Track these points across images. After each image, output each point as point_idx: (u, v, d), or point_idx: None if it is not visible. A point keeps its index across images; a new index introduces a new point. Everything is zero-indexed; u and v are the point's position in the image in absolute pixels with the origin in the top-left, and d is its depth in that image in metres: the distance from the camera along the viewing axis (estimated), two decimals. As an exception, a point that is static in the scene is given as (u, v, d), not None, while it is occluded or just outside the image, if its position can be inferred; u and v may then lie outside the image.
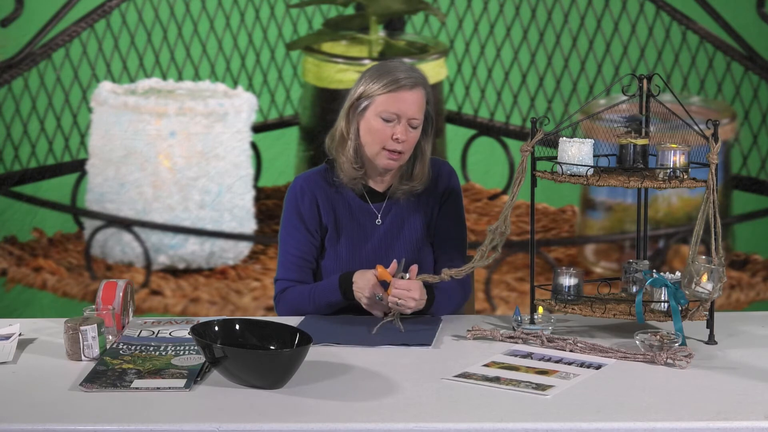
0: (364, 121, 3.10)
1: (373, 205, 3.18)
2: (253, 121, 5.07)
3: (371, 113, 3.08)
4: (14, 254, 5.08)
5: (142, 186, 5.04)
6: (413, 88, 3.07)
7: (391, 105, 3.06)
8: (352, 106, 3.11)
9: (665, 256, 5.08)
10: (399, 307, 2.93)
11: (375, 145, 3.09)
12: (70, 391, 2.48)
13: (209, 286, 5.10)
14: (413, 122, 3.08)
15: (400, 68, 3.11)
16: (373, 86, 3.08)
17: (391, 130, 3.07)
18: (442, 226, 3.22)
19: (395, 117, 3.06)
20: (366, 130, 3.10)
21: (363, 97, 3.09)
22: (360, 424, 2.28)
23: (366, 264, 3.10)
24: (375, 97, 3.07)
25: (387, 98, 3.06)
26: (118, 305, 2.87)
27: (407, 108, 3.07)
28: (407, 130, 3.08)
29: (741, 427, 2.26)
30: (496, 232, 2.88)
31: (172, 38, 5.07)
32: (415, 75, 3.10)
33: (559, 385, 2.48)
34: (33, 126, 5.06)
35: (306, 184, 3.19)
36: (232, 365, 2.47)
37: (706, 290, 2.75)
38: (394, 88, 3.06)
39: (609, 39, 5.06)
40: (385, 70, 3.10)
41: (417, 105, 3.08)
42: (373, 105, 3.08)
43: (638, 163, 2.85)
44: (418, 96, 3.09)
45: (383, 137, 3.07)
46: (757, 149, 5.09)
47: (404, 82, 3.07)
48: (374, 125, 3.08)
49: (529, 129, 2.88)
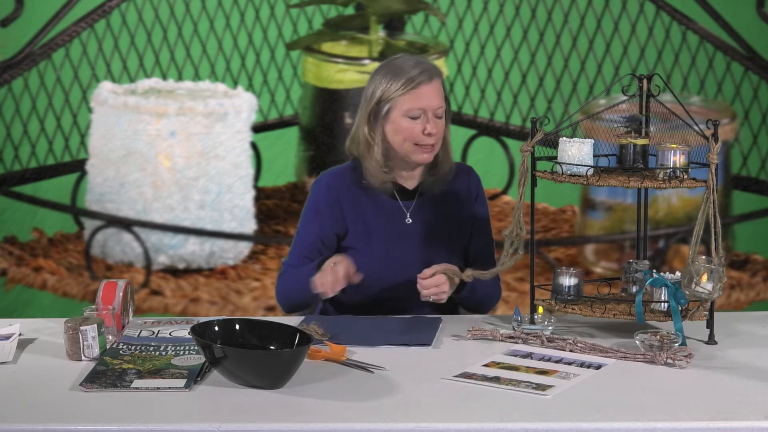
0: (389, 123, 3.11)
1: (403, 203, 3.19)
2: (253, 121, 5.07)
3: (396, 115, 3.10)
4: (14, 254, 5.08)
5: (142, 186, 5.04)
6: (431, 80, 3.10)
7: (415, 103, 3.08)
8: (373, 112, 3.12)
9: (665, 256, 5.07)
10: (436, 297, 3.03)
11: (407, 144, 3.11)
12: (70, 391, 2.48)
13: (209, 286, 5.10)
14: (438, 112, 3.11)
15: (411, 63, 3.12)
16: (391, 88, 3.09)
17: (420, 126, 3.09)
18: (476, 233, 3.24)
19: (421, 113, 3.09)
20: (394, 131, 3.11)
21: (383, 101, 3.10)
22: (360, 424, 2.28)
23: (398, 262, 3.14)
24: (396, 98, 3.09)
25: (409, 97, 3.08)
26: (118, 305, 2.87)
27: (430, 101, 3.09)
28: (435, 122, 3.10)
29: (741, 427, 2.26)
30: (512, 236, 2.89)
31: (172, 38, 5.07)
32: (427, 66, 3.12)
33: (559, 385, 2.48)
34: (33, 126, 5.05)
35: (333, 182, 3.20)
36: (232, 365, 2.47)
37: (706, 290, 2.75)
38: (414, 85, 3.08)
39: (609, 39, 5.06)
40: (398, 69, 3.11)
41: (438, 95, 3.11)
42: (396, 107, 3.09)
43: (638, 163, 2.85)
44: (437, 86, 3.11)
45: (414, 135, 3.09)
46: (757, 149, 5.09)
47: (421, 77, 3.08)
48: (403, 125, 3.09)
49: (529, 129, 2.88)
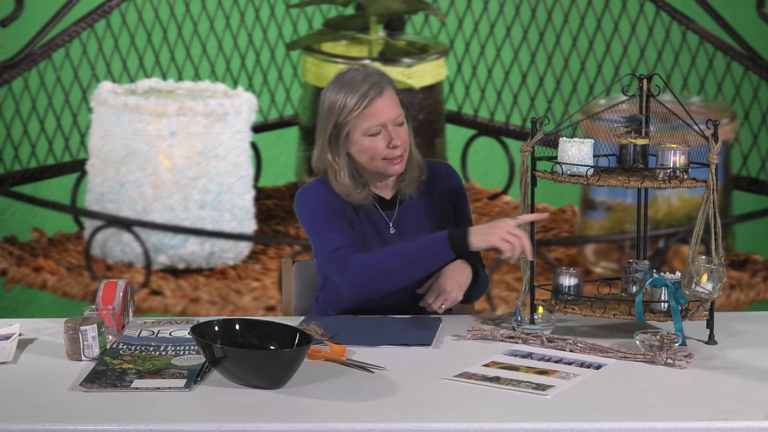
0: (352, 145, 3.04)
1: (385, 213, 3.14)
2: (253, 121, 5.07)
3: (356, 136, 3.02)
4: (14, 254, 5.08)
5: (142, 186, 5.04)
6: (382, 92, 3.00)
7: (372, 120, 3.00)
8: (332, 136, 3.04)
9: (665, 256, 5.07)
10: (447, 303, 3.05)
11: (376, 161, 3.04)
12: (70, 391, 2.48)
13: (209, 286, 5.10)
14: (398, 120, 3.04)
15: (357, 79, 3.01)
16: (344, 111, 3.00)
17: (383, 141, 3.02)
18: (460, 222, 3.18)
19: (381, 128, 3.02)
20: (359, 151, 3.05)
21: (339, 125, 3.02)
22: (360, 424, 2.28)
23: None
24: (352, 120, 3.01)
25: (364, 116, 3.00)
26: (118, 305, 2.87)
27: (387, 114, 3.01)
28: (397, 132, 3.03)
29: (741, 427, 2.26)
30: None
31: (172, 38, 5.07)
32: (375, 78, 3.02)
33: (559, 385, 2.48)
34: (33, 126, 5.05)
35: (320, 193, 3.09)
36: (232, 365, 2.47)
37: (706, 290, 2.75)
38: (367, 103, 2.99)
39: (609, 39, 5.06)
40: (346, 88, 3.01)
41: (393, 105, 3.03)
42: (354, 128, 3.02)
43: (638, 163, 2.85)
44: (390, 96, 3.03)
45: (380, 151, 3.03)
46: (757, 149, 5.09)
47: (372, 92, 2.99)
48: (366, 144, 3.03)
49: (529, 129, 2.88)
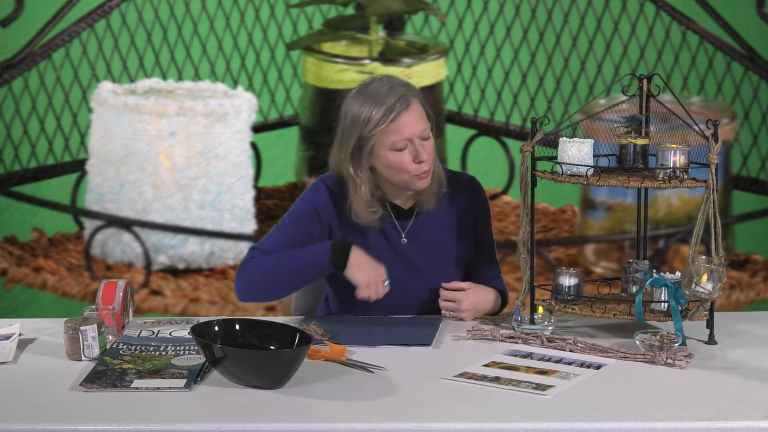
0: (376, 159, 2.96)
1: (399, 223, 3.07)
2: (253, 121, 5.07)
3: (382, 150, 2.94)
4: (14, 254, 5.08)
5: (142, 186, 5.04)
6: (409, 105, 2.93)
7: (398, 134, 2.92)
8: (355, 149, 2.95)
9: (665, 256, 5.07)
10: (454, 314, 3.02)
11: (402, 175, 2.96)
12: (70, 391, 2.48)
13: (209, 286, 5.10)
14: (424, 134, 2.96)
15: (383, 91, 2.93)
16: (369, 125, 2.91)
17: (409, 155, 2.93)
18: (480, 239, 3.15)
19: (407, 143, 2.94)
20: (384, 166, 2.96)
21: (363, 138, 2.93)
22: (360, 424, 2.28)
23: (393, 282, 2.97)
24: (376, 135, 2.92)
25: (390, 130, 2.91)
26: (118, 305, 2.87)
27: (414, 128, 2.93)
28: (423, 146, 2.95)
29: (741, 427, 2.26)
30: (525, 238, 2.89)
31: (172, 38, 5.07)
32: (402, 91, 2.94)
33: (559, 385, 2.48)
34: (33, 126, 5.05)
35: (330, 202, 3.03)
36: (232, 365, 2.47)
37: (706, 290, 2.75)
38: (394, 117, 2.91)
39: (609, 39, 5.05)
40: (371, 101, 2.92)
41: (420, 119, 2.95)
42: (379, 142, 2.93)
43: (638, 163, 2.85)
44: (416, 109, 2.95)
45: (406, 165, 2.94)
46: (757, 149, 5.09)
47: (398, 106, 2.91)
48: (392, 159, 2.94)
49: (529, 129, 2.88)
